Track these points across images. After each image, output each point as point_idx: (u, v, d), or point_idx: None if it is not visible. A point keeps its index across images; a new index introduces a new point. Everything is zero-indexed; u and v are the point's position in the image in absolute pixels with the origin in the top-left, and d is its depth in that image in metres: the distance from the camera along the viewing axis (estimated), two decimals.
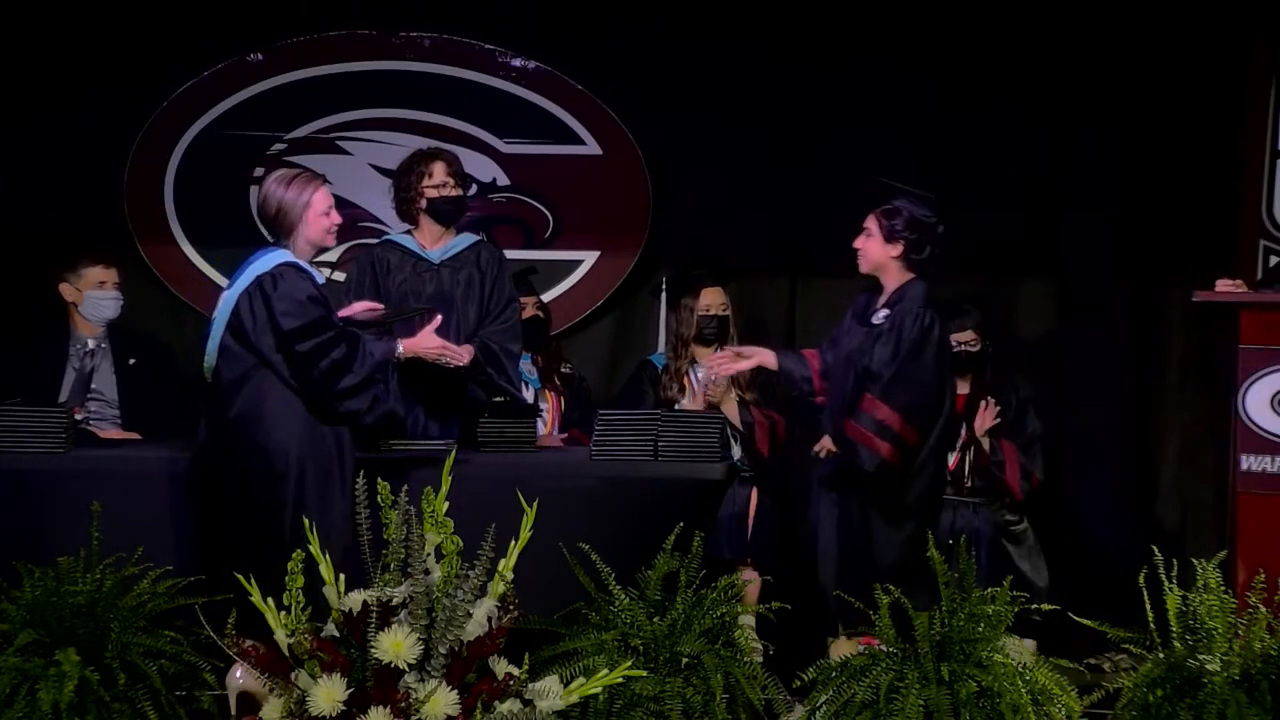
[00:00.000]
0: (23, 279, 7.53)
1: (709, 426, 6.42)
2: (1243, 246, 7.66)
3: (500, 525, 5.16)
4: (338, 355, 5.83)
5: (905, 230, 6.25)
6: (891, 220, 6.26)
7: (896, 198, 6.31)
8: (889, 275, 6.32)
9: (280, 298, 5.81)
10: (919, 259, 6.29)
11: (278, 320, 5.81)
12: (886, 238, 6.28)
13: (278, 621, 5.06)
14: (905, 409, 6.12)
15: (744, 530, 7.22)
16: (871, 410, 6.15)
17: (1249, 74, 7.68)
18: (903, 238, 6.25)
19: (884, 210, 6.29)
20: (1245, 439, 5.99)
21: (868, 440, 6.14)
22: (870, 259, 6.32)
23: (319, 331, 5.82)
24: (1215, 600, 5.39)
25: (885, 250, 6.28)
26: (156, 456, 6.47)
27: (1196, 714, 5.26)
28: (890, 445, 6.11)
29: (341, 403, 5.85)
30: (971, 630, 5.42)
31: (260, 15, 7.97)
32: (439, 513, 5.12)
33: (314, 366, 5.81)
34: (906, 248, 6.26)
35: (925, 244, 6.28)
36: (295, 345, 5.80)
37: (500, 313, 6.70)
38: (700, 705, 5.46)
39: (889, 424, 6.11)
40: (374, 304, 6.29)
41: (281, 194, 5.93)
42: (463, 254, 6.77)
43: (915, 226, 6.26)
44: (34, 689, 5.22)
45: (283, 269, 5.86)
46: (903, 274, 6.31)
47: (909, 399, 6.14)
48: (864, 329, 6.29)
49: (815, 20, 7.88)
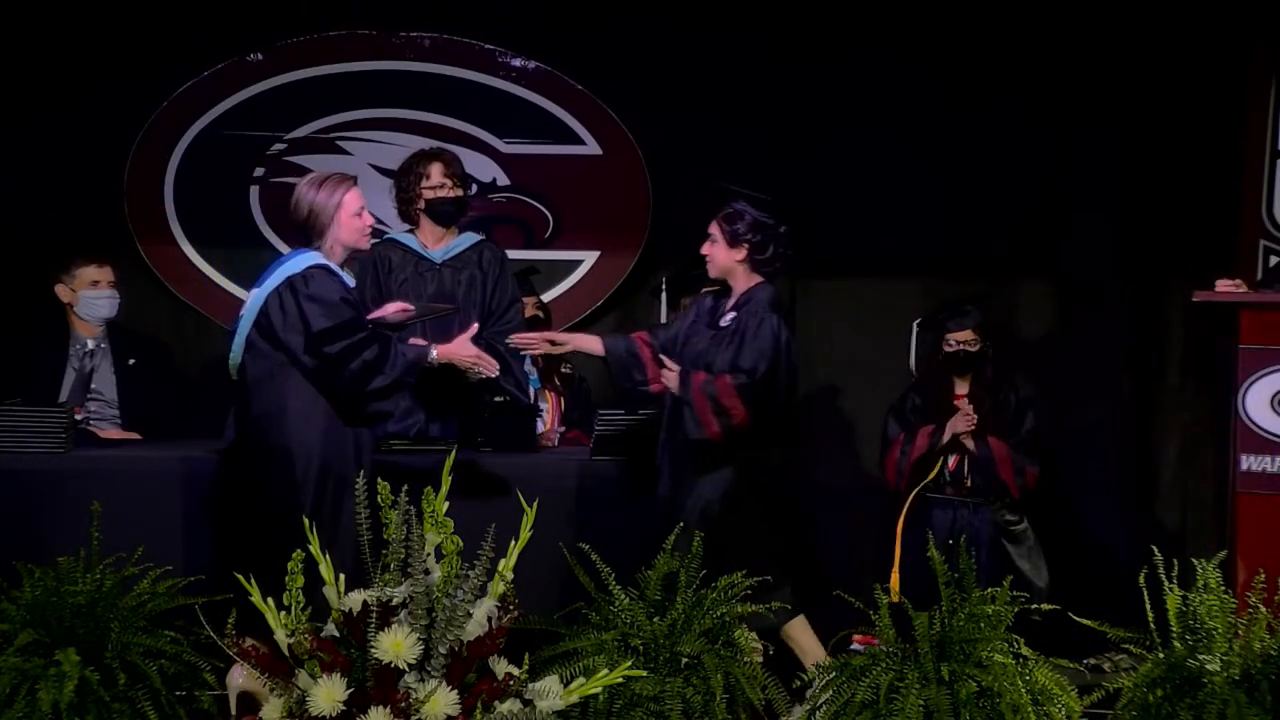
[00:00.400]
0: (23, 279, 7.53)
1: None
2: (1243, 246, 7.66)
3: (500, 525, 5.16)
4: (369, 356, 5.81)
5: (748, 233, 6.22)
6: (733, 224, 6.24)
7: (736, 201, 6.28)
8: (737, 279, 6.28)
9: (311, 298, 5.80)
10: (764, 260, 6.25)
11: (308, 320, 5.80)
12: (730, 242, 6.24)
13: (278, 621, 5.06)
14: (744, 394, 6.07)
15: None
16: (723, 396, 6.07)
17: (1249, 74, 7.68)
18: (746, 241, 6.22)
19: (725, 215, 6.27)
20: (1245, 439, 5.99)
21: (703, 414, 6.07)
22: (717, 264, 6.29)
23: (350, 333, 5.81)
24: (1215, 600, 5.39)
25: (730, 254, 6.25)
26: (156, 456, 6.48)
27: (1196, 714, 5.25)
28: (720, 423, 6.06)
29: (371, 404, 5.84)
30: (971, 630, 5.42)
31: (260, 15, 7.97)
32: (439, 513, 5.11)
33: (345, 367, 5.80)
34: (750, 250, 6.22)
35: (768, 245, 6.23)
36: (325, 346, 5.79)
37: (503, 313, 6.71)
38: (700, 705, 5.46)
39: (724, 402, 6.05)
40: (405, 305, 6.26)
41: (313, 196, 5.90)
42: (465, 254, 6.77)
43: (757, 229, 6.23)
44: (34, 689, 5.21)
45: (313, 270, 5.86)
46: (750, 277, 6.27)
47: (752, 400, 6.09)
48: (711, 331, 6.24)
49: (815, 20, 7.89)
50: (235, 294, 8.00)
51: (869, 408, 7.82)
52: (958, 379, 7.37)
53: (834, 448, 8.04)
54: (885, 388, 7.68)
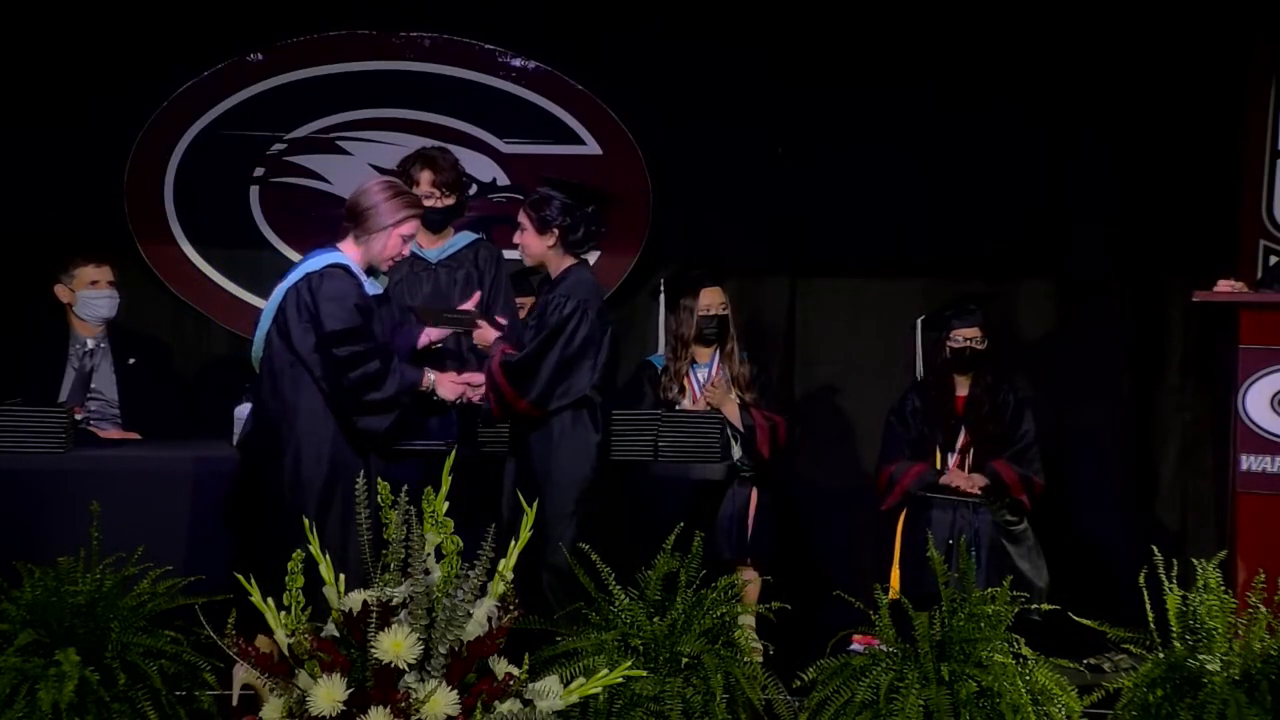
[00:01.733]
0: (23, 279, 7.53)
1: (709, 427, 6.42)
2: (1243, 246, 7.67)
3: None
4: (371, 369, 5.81)
5: (557, 218, 6.11)
6: (541, 210, 6.13)
7: (542, 187, 6.20)
8: (552, 264, 6.18)
9: (326, 298, 5.81)
10: (576, 241, 6.15)
11: (321, 320, 5.80)
12: (539, 229, 6.14)
13: (277, 621, 5.06)
14: (512, 373, 6.00)
15: (744, 530, 7.23)
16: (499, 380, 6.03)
17: (1249, 74, 7.69)
18: (556, 225, 6.12)
19: (532, 202, 6.17)
20: (1245, 439, 5.99)
21: (488, 389, 6.05)
22: (531, 253, 6.19)
23: (358, 339, 5.81)
24: (1215, 600, 5.39)
25: (541, 241, 6.14)
26: (156, 456, 6.48)
27: (1196, 714, 5.25)
28: (496, 401, 6.03)
29: (363, 417, 5.84)
30: (971, 630, 5.42)
31: (260, 15, 7.97)
32: (439, 513, 5.11)
33: (346, 374, 5.80)
34: (561, 234, 6.12)
35: (579, 226, 6.14)
36: (333, 348, 5.79)
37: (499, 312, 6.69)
38: (700, 705, 5.46)
39: (495, 380, 6.02)
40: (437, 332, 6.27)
41: (381, 199, 5.93)
42: (461, 253, 6.77)
43: (566, 211, 6.13)
44: (34, 689, 5.21)
45: (334, 270, 5.87)
46: (563, 259, 6.16)
47: (517, 364, 6.02)
48: (530, 318, 6.21)
49: (815, 20, 7.89)
50: (235, 294, 8.00)
51: (869, 408, 7.82)
52: (958, 378, 7.38)
53: (834, 448, 8.05)
54: (885, 388, 7.69)
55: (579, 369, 6.03)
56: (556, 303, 6.03)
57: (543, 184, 6.20)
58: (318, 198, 7.97)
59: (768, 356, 7.80)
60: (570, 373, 6.02)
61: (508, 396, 5.97)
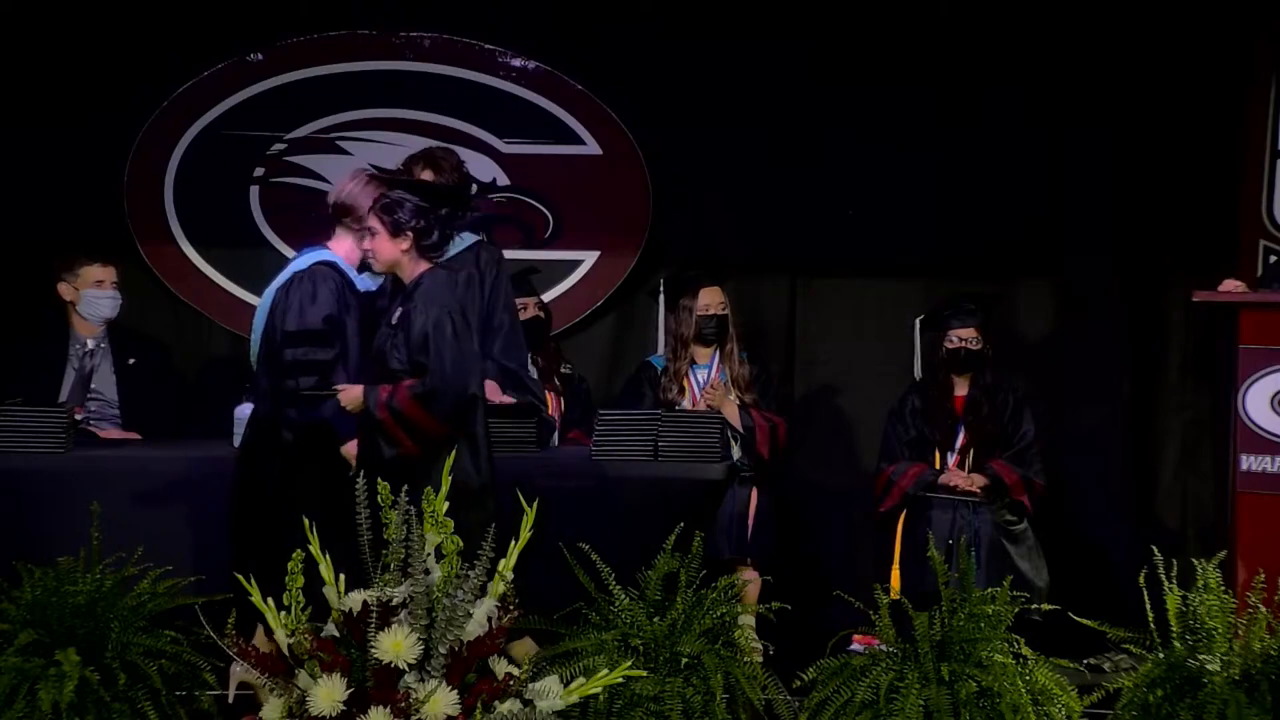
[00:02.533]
0: (23, 279, 7.53)
1: (709, 427, 6.42)
2: (1243, 246, 7.67)
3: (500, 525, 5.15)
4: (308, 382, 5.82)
5: (411, 221, 5.88)
6: (394, 214, 5.88)
7: (393, 190, 5.98)
8: (405, 270, 5.94)
9: (296, 296, 5.82)
10: (430, 245, 5.93)
11: (286, 317, 5.82)
12: (392, 233, 5.89)
13: (277, 621, 5.06)
14: (431, 405, 5.77)
15: (744, 530, 7.22)
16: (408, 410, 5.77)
17: (1249, 74, 7.69)
18: (410, 228, 5.88)
19: (383, 205, 5.90)
20: (1245, 439, 5.99)
21: (393, 430, 5.78)
22: (383, 259, 5.91)
23: (312, 343, 5.83)
24: (1215, 600, 5.39)
25: (394, 246, 5.88)
26: (156, 456, 6.48)
27: (1196, 714, 5.26)
28: (412, 437, 5.77)
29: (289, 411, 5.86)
30: (971, 630, 5.42)
31: (260, 15, 7.97)
32: (439, 513, 5.11)
33: (288, 378, 5.81)
34: (416, 237, 5.89)
35: (433, 230, 5.91)
36: (285, 348, 5.81)
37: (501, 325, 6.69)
38: (700, 705, 5.46)
39: (410, 416, 5.78)
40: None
41: (359, 189, 5.96)
42: (461, 254, 6.76)
43: (420, 214, 5.90)
44: (34, 689, 5.22)
45: (318, 268, 5.88)
46: (417, 264, 5.94)
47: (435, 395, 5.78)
48: (388, 330, 5.94)
49: (815, 20, 7.88)
50: (235, 294, 8.00)
51: (869, 408, 7.82)
52: (957, 378, 7.38)
53: (834, 448, 8.04)
54: (885, 388, 7.68)
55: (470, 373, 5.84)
56: (419, 313, 5.81)
57: (395, 186, 6.01)
58: (318, 198, 7.92)
59: (768, 356, 7.80)
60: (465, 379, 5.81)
61: (426, 425, 5.71)
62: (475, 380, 5.84)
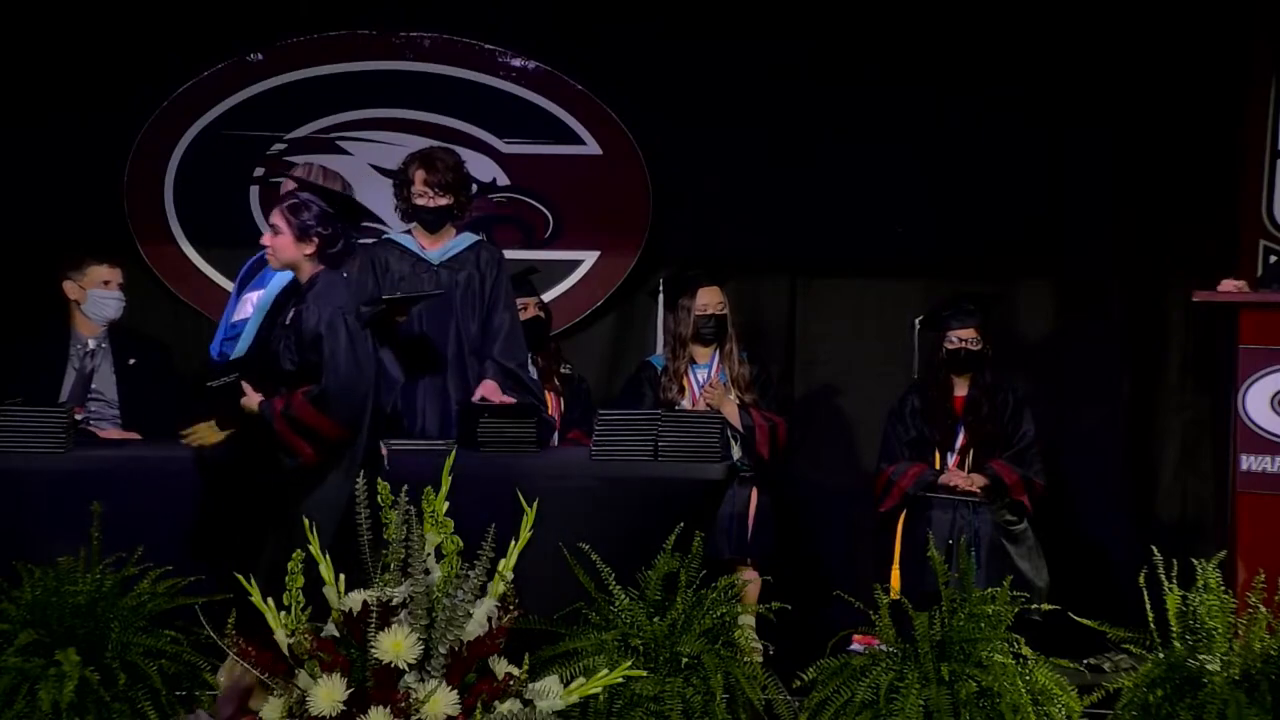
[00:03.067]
0: (23, 279, 7.53)
1: (709, 426, 6.41)
2: (1243, 246, 7.67)
3: (500, 525, 5.15)
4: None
5: (317, 225, 5.84)
6: (300, 216, 5.84)
7: (301, 192, 5.95)
8: (303, 271, 5.91)
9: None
10: (335, 253, 5.89)
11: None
12: (298, 235, 5.84)
13: (278, 621, 5.06)
14: (326, 407, 5.70)
15: (744, 530, 7.23)
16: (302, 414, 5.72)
17: (1249, 74, 7.69)
18: (316, 233, 5.83)
19: (290, 206, 5.86)
20: (1245, 439, 5.99)
21: (291, 439, 5.72)
22: (282, 258, 5.87)
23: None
24: (1215, 600, 5.39)
25: (299, 248, 5.84)
26: (156, 456, 6.47)
27: (1196, 714, 5.26)
28: (311, 444, 5.71)
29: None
30: (971, 630, 5.42)
31: (260, 15, 7.97)
32: (439, 513, 5.12)
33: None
34: (321, 243, 5.85)
35: (339, 238, 5.87)
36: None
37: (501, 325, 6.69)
38: (700, 705, 5.46)
39: (308, 422, 5.71)
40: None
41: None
42: (462, 255, 6.77)
43: (326, 220, 5.86)
44: (34, 689, 5.22)
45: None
46: (315, 266, 5.89)
47: (329, 397, 5.72)
48: (281, 329, 5.92)
49: (815, 20, 7.89)
50: None
51: (869, 408, 7.82)
52: (956, 379, 7.38)
53: (834, 448, 8.04)
54: (885, 388, 7.68)
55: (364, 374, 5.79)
56: (311, 313, 5.75)
57: (302, 188, 5.98)
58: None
59: (768, 356, 7.80)
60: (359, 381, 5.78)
61: (325, 429, 5.65)
62: (370, 384, 5.78)
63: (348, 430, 5.65)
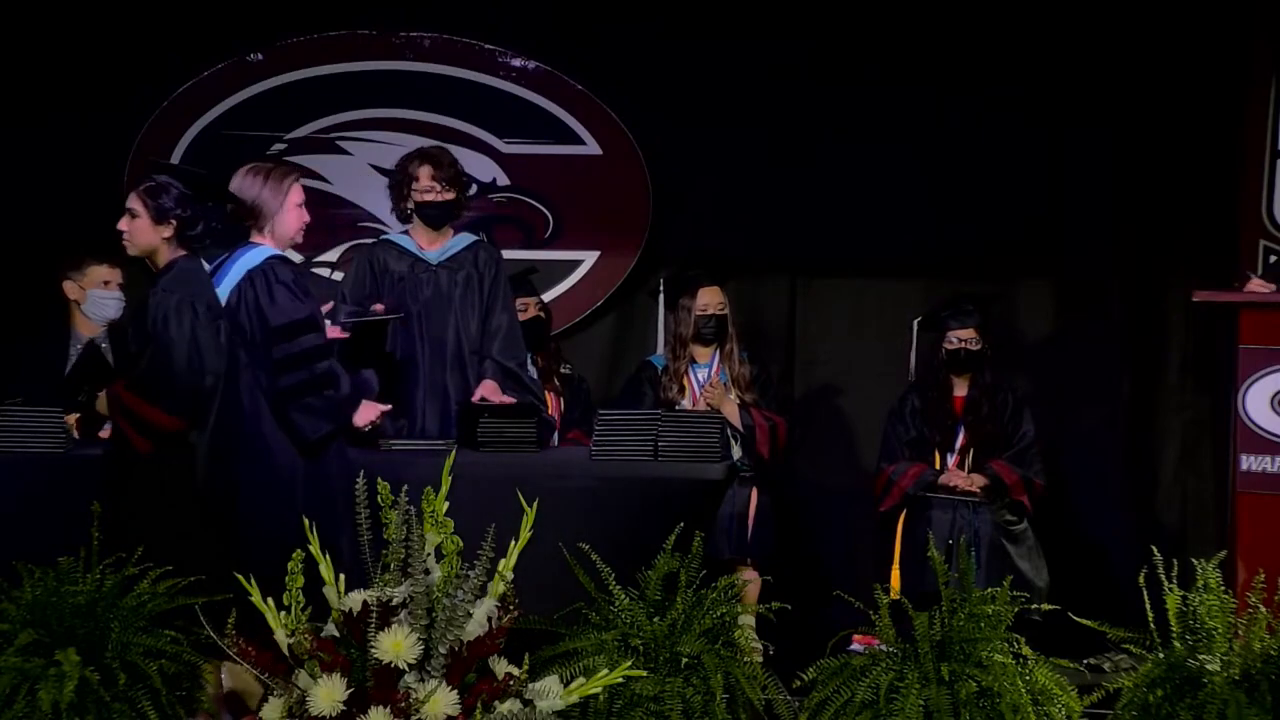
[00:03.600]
0: (23, 279, 7.53)
1: (709, 426, 6.41)
2: (1243, 246, 7.67)
3: (500, 525, 5.15)
4: (319, 369, 5.79)
5: (176, 208, 5.75)
6: (158, 199, 5.75)
7: (160, 174, 5.85)
8: (161, 257, 5.82)
9: (272, 293, 5.79)
10: (195, 236, 5.81)
11: (267, 316, 5.78)
12: (156, 218, 5.76)
13: (277, 621, 5.06)
14: (156, 397, 5.66)
15: (744, 530, 7.23)
16: (130, 404, 5.69)
17: (1249, 74, 7.69)
18: (175, 216, 5.76)
19: (148, 189, 5.73)
20: (1245, 439, 5.99)
21: (125, 429, 5.69)
22: (139, 243, 5.77)
23: (309, 331, 5.81)
24: (1215, 600, 5.39)
25: (156, 232, 5.75)
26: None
27: (1196, 714, 5.25)
28: (141, 433, 5.68)
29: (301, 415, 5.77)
30: (971, 630, 5.42)
31: (260, 15, 7.98)
32: (439, 513, 5.11)
33: (290, 373, 5.79)
34: (180, 226, 5.77)
35: (198, 221, 5.80)
36: (280, 342, 5.79)
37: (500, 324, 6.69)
38: (700, 705, 5.46)
39: (135, 410, 5.66)
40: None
41: (260, 186, 5.90)
42: (460, 255, 6.77)
43: (184, 202, 5.77)
44: (34, 689, 5.21)
45: (272, 262, 5.85)
46: (174, 252, 5.82)
47: (159, 386, 5.67)
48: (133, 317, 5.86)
49: (815, 20, 7.89)
50: None
51: (869, 408, 7.82)
52: (956, 379, 7.38)
53: (834, 448, 8.05)
54: (885, 388, 7.68)
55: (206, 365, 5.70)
56: (159, 299, 5.69)
57: (160, 171, 5.87)
58: (317, 198, 7.96)
59: (768, 356, 7.80)
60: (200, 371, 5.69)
61: (155, 419, 5.60)
62: (215, 375, 5.70)
63: (179, 420, 5.60)
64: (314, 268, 7.90)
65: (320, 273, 7.95)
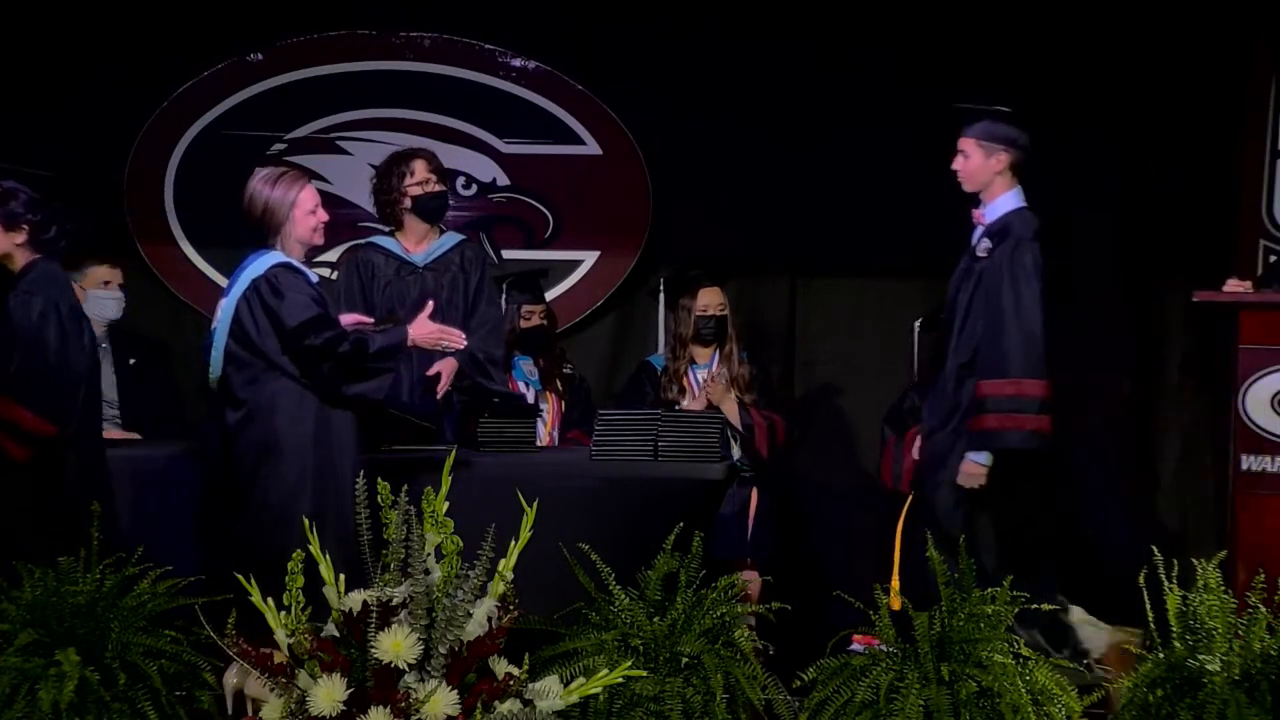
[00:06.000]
0: None
1: (709, 426, 6.42)
2: (1243, 246, 7.67)
3: (500, 525, 5.16)
4: (346, 349, 5.80)
5: (26, 213, 5.77)
6: (7, 204, 5.76)
7: (6, 179, 5.83)
8: (15, 262, 5.82)
9: (281, 298, 5.79)
10: (48, 240, 5.79)
11: (282, 320, 5.79)
12: (6, 225, 5.76)
13: (277, 621, 5.06)
14: (29, 398, 5.64)
15: (744, 530, 7.23)
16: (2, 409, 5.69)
17: (1249, 74, 7.69)
18: (26, 221, 5.77)
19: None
20: (1245, 439, 5.99)
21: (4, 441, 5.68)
22: None
23: (324, 327, 5.81)
24: (1215, 600, 5.39)
25: (9, 239, 5.76)
26: (156, 456, 6.47)
27: (1196, 714, 5.25)
28: (15, 440, 5.68)
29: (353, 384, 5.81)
30: (971, 630, 5.42)
31: (260, 15, 7.98)
32: (439, 513, 5.11)
33: (324, 361, 5.79)
34: (32, 231, 5.77)
35: (50, 224, 5.79)
36: (304, 341, 5.78)
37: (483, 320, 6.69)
38: (700, 705, 5.46)
39: (15, 419, 5.66)
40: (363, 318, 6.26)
41: (268, 193, 5.89)
42: (446, 255, 6.78)
43: (35, 207, 5.78)
44: (34, 689, 5.22)
45: (277, 269, 5.85)
46: (29, 255, 5.80)
47: (32, 386, 5.66)
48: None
49: (815, 19, 7.89)
50: None
51: (869, 408, 7.82)
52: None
53: (834, 448, 8.04)
54: (885, 388, 7.68)
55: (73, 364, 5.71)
56: (20, 302, 5.66)
57: (7, 176, 5.84)
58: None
59: (768, 356, 7.80)
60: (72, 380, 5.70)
61: (26, 424, 5.58)
62: (81, 378, 5.69)
63: (54, 425, 5.60)
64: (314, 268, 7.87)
65: (321, 272, 7.95)
